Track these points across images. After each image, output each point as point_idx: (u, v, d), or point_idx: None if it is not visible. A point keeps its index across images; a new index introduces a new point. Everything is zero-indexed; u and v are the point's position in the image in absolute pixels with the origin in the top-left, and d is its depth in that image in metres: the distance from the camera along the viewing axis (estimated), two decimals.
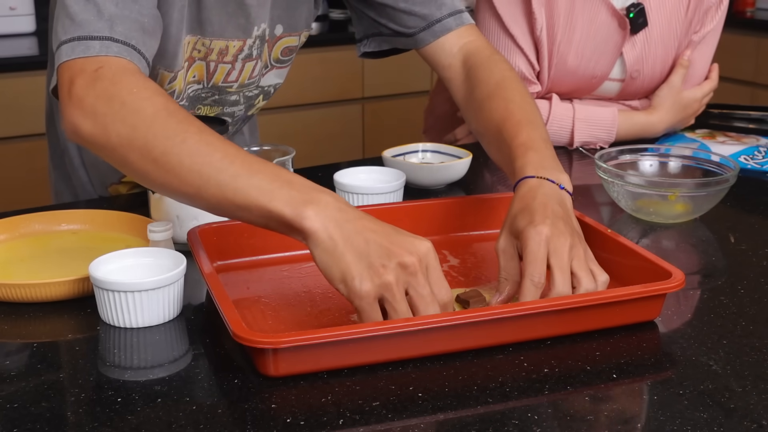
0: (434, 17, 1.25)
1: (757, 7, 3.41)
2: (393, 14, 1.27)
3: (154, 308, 0.90)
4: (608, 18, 1.53)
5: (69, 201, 1.44)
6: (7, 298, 0.95)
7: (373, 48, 1.35)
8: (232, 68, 1.25)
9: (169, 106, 0.91)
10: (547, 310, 0.85)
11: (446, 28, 1.25)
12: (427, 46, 1.27)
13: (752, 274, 1.05)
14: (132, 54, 0.97)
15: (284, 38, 1.31)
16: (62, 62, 0.95)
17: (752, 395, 0.78)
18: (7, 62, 2.51)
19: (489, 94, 1.16)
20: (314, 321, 0.91)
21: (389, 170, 1.27)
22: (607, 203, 1.29)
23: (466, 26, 1.27)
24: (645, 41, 1.55)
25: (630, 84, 1.58)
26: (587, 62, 1.55)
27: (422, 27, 1.25)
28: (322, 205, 0.83)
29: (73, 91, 0.92)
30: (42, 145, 1.99)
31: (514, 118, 1.09)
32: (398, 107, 3.19)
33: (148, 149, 0.87)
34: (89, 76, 0.92)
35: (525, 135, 1.05)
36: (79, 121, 0.91)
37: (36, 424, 0.74)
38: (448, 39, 1.26)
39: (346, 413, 0.75)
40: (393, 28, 1.28)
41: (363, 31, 1.35)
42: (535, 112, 1.12)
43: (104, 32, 0.95)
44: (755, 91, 3.17)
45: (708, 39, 1.60)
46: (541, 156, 1.02)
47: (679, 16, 1.55)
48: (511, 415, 0.76)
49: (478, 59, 1.22)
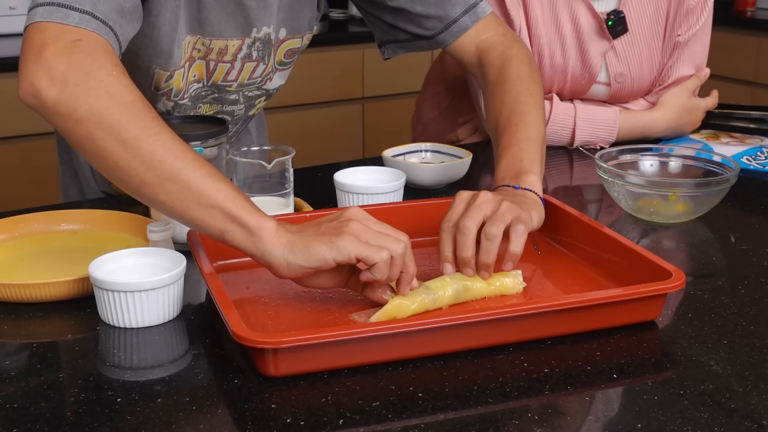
0: (450, 17, 1.28)
1: (757, 6, 3.41)
2: (411, 17, 1.29)
3: (154, 308, 0.90)
4: (590, 20, 1.53)
5: (76, 196, 1.46)
6: (7, 298, 0.95)
7: (390, 54, 1.39)
8: (231, 67, 1.26)
9: (145, 101, 0.91)
10: (547, 310, 0.85)
11: (463, 28, 1.29)
12: (448, 47, 1.31)
13: (753, 274, 1.05)
14: (109, 35, 0.96)
15: (287, 41, 1.31)
16: (34, 22, 0.93)
17: (753, 395, 0.78)
18: (8, 62, 2.51)
19: (490, 94, 1.21)
20: (314, 321, 0.91)
21: (389, 170, 1.27)
22: (607, 203, 1.29)
23: (484, 20, 1.30)
24: (628, 46, 1.55)
25: (618, 88, 1.58)
26: (575, 62, 1.55)
27: (441, 29, 1.29)
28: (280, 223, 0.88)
29: (43, 54, 0.90)
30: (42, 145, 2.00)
31: (503, 115, 1.15)
32: (398, 107, 3.19)
33: (120, 131, 0.87)
34: (65, 45, 0.91)
35: (505, 137, 1.11)
36: (44, 85, 0.89)
37: (36, 424, 0.74)
38: (467, 39, 1.30)
39: (346, 413, 0.75)
40: (412, 31, 1.31)
41: (380, 37, 1.38)
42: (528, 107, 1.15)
43: (86, 6, 0.94)
44: (755, 91, 3.17)
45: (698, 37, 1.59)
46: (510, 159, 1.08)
47: (660, 20, 1.56)
48: (511, 415, 0.76)
49: (489, 58, 1.26)
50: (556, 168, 1.49)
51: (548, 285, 1.00)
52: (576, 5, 1.52)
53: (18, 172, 2.58)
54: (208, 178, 0.87)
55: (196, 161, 0.88)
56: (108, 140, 0.87)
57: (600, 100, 1.60)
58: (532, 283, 1.00)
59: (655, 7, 1.55)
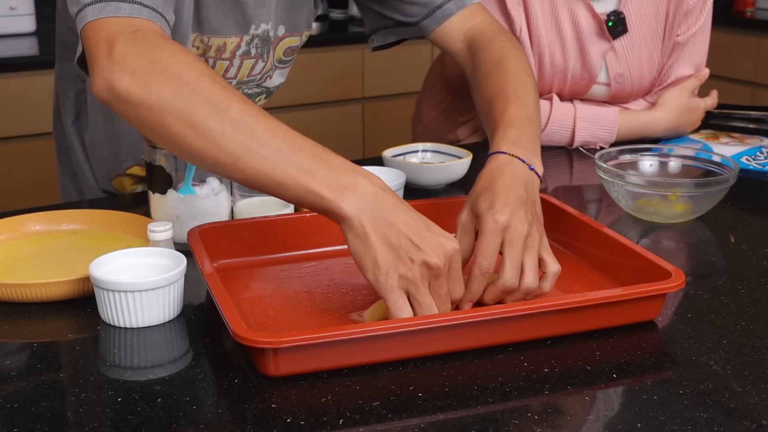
0: (435, 3, 1.28)
1: (757, 7, 3.41)
2: (396, 5, 1.30)
3: (154, 308, 0.90)
4: (590, 21, 1.53)
5: (74, 195, 1.46)
6: (7, 298, 0.95)
7: (380, 42, 1.38)
8: (230, 65, 1.26)
9: (211, 72, 0.90)
10: (547, 310, 0.85)
11: (447, 13, 1.28)
12: (433, 33, 1.30)
13: (752, 274, 1.05)
14: (160, 20, 0.96)
15: (286, 38, 1.32)
16: (90, 21, 0.93)
17: (752, 395, 0.78)
18: (8, 62, 2.51)
19: (486, 73, 1.18)
20: (314, 321, 0.91)
21: (389, 170, 1.27)
22: (607, 203, 1.29)
23: (470, 7, 1.29)
24: (627, 47, 1.55)
25: (618, 88, 1.58)
26: (575, 63, 1.55)
27: (425, 14, 1.28)
28: (359, 191, 0.84)
29: (115, 49, 0.90)
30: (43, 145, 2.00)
31: (504, 94, 1.11)
32: (398, 107, 3.19)
33: (189, 113, 0.86)
34: (128, 37, 0.91)
35: (510, 111, 1.07)
36: (117, 77, 0.89)
37: (36, 424, 0.74)
38: (452, 24, 1.29)
39: (346, 413, 0.75)
40: (397, 18, 1.32)
41: (370, 25, 1.38)
42: (527, 89, 1.13)
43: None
44: (755, 91, 3.17)
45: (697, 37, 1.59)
46: (519, 133, 1.04)
47: (660, 20, 1.56)
48: (511, 415, 0.76)
49: (479, 41, 1.25)
50: (556, 168, 1.49)
51: None
52: (576, 6, 1.52)
53: (17, 173, 2.58)
54: (279, 152, 0.85)
55: (267, 133, 0.86)
56: (178, 125, 0.87)
57: (600, 101, 1.61)
58: None
59: (654, 7, 1.55)
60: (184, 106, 0.87)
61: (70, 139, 1.41)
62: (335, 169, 0.85)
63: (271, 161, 0.85)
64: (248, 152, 0.85)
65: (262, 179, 0.86)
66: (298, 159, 0.85)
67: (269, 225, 1.07)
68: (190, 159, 0.91)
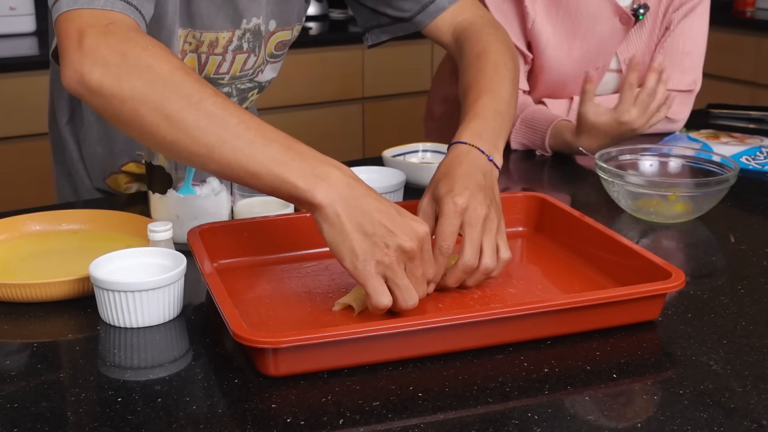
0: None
1: (757, 7, 3.41)
2: (389, 1, 1.31)
3: (154, 308, 0.90)
4: (611, 14, 1.55)
5: (70, 195, 1.46)
6: (7, 298, 0.95)
7: (374, 41, 1.39)
8: (223, 60, 1.26)
9: (185, 66, 0.91)
10: (547, 310, 0.86)
11: (440, 8, 1.29)
12: (426, 28, 1.31)
13: (752, 274, 1.05)
14: (135, 14, 0.96)
15: (277, 33, 1.33)
16: (63, 12, 0.93)
17: (752, 395, 0.78)
18: (7, 62, 2.51)
19: (466, 65, 1.21)
20: (314, 321, 0.91)
21: (389, 170, 1.27)
22: (607, 203, 1.29)
23: (461, 2, 1.30)
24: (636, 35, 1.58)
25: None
26: (594, 55, 1.58)
27: (418, 10, 1.30)
28: (333, 181, 0.86)
29: (85, 41, 0.90)
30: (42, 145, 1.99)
31: (477, 86, 1.13)
32: (398, 107, 3.19)
33: (163, 105, 0.87)
34: (100, 30, 0.91)
35: (480, 104, 1.10)
36: (88, 69, 0.89)
37: (36, 424, 0.74)
38: (444, 19, 1.30)
39: (346, 413, 0.75)
40: (391, 14, 1.32)
41: (363, 24, 1.38)
42: (501, 83, 1.14)
43: None
44: (755, 91, 3.16)
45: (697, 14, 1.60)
46: (483, 125, 1.06)
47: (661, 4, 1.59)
48: (511, 415, 0.76)
49: (466, 34, 1.26)
50: (555, 168, 1.49)
51: (548, 285, 1.00)
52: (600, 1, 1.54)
53: (17, 173, 2.58)
54: (253, 144, 0.86)
55: (240, 125, 0.87)
56: (152, 117, 0.87)
57: (609, 93, 1.62)
58: (533, 283, 1.00)
59: None
60: (158, 98, 0.87)
61: (65, 138, 1.41)
62: (308, 160, 0.87)
63: (245, 152, 0.86)
64: (222, 143, 0.86)
65: (236, 170, 0.87)
66: (271, 150, 0.87)
67: (269, 225, 1.07)
68: (165, 151, 0.91)
